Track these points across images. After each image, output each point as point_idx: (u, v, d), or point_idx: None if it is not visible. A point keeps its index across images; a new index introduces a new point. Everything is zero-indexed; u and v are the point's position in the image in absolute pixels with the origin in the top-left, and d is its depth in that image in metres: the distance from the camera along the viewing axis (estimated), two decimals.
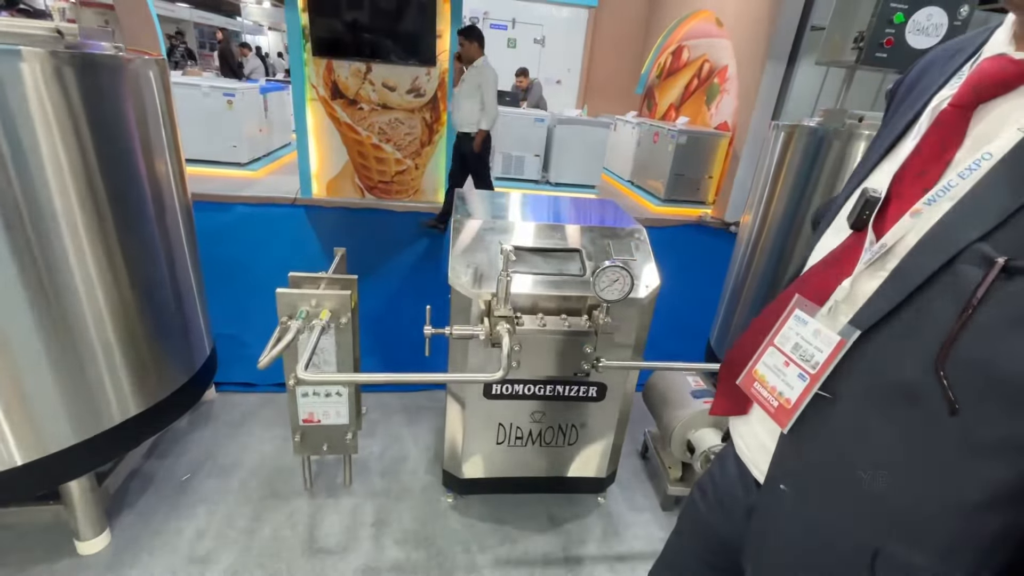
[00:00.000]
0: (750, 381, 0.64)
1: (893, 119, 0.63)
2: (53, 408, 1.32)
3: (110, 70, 1.32)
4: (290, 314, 1.48)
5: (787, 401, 0.57)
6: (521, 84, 6.79)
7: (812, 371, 0.55)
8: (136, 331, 1.48)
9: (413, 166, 5.36)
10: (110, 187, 1.35)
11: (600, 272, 1.28)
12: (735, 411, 0.71)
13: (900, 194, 0.53)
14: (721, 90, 6.15)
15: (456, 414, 1.59)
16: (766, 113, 5.32)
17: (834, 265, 0.59)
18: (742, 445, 0.70)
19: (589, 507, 1.81)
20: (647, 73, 8.14)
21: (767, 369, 0.62)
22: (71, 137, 1.25)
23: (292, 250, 4.13)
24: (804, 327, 0.58)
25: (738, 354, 0.69)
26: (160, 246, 1.54)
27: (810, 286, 0.61)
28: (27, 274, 1.22)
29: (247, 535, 1.58)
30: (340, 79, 4.85)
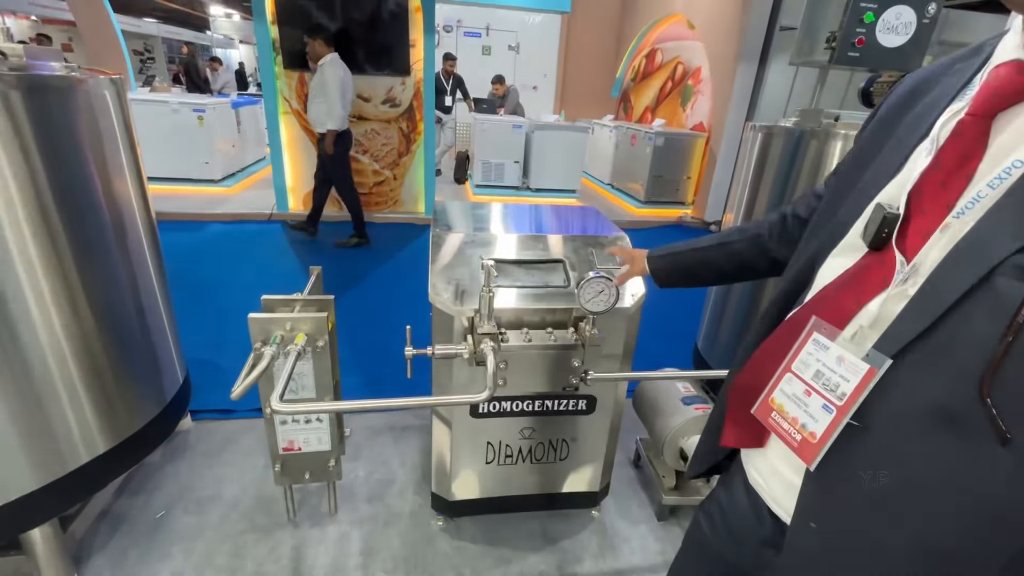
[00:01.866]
0: (767, 410, 0.59)
1: (894, 136, 0.59)
2: (10, 452, 1.23)
3: (59, 91, 1.25)
4: (264, 339, 1.41)
5: (812, 435, 0.53)
6: (497, 91, 6.78)
7: (839, 402, 0.51)
8: (100, 363, 1.40)
9: (392, 177, 5.30)
10: (64, 213, 1.27)
11: (585, 284, 1.24)
12: (750, 443, 0.67)
13: (921, 209, 0.50)
14: (695, 91, 6.22)
15: (443, 435, 1.53)
16: (740, 113, 5.39)
17: (851, 286, 0.55)
18: (757, 478, 0.66)
19: (584, 521, 1.76)
20: (622, 76, 8.21)
21: (785, 398, 0.57)
22: (19, 163, 1.17)
23: (269, 268, 4.03)
24: (825, 353, 0.54)
25: (748, 379, 0.64)
26: (122, 272, 1.46)
27: (826, 308, 0.57)
28: None
29: (228, 574, 1.50)
30: None
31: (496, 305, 1.29)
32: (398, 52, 4.67)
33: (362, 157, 5.01)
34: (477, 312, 1.30)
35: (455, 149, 7.21)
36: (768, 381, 0.60)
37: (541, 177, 6.21)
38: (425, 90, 4.84)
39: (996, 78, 0.48)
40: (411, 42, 4.67)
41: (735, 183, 2.13)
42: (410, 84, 4.82)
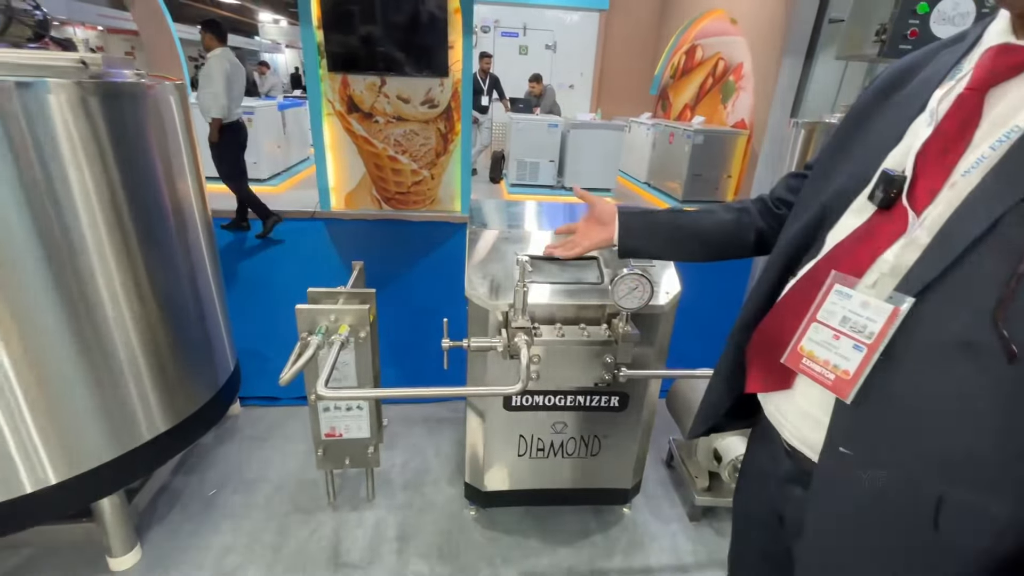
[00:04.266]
0: (797, 358, 0.65)
1: (887, 114, 0.68)
2: (86, 426, 1.35)
3: (132, 97, 1.36)
4: (309, 329, 1.49)
5: (845, 373, 0.60)
6: (534, 90, 6.80)
7: (868, 341, 0.58)
8: (162, 349, 1.50)
9: (429, 176, 5.40)
10: (134, 210, 1.38)
11: (618, 280, 1.25)
12: (776, 387, 0.72)
13: (926, 172, 0.58)
14: (737, 88, 6.06)
15: (477, 427, 1.57)
16: (785, 110, 5.22)
17: (865, 241, 0.62)
18: (780, 418, 0.72)
19: (614, 518, 1.77)
20: (660, 74, 8.08)
21: (815, 344, 0.63)
22: (97, 164, 1.28)
23: (313, 263, 4.19)
24: (849, 300, 0.61)
25: (767, 335, 0.72)
26: (183, 264, 1.57)
27: (842, 263, 0.63)
28: (62, 297, 1.26)
29: (273, 550, 1.59)
30: (355, 93, 4.92)
31: (530, 300, 1.32)
32: (437, 54, 4.76)
33: (401, 157, 5.13)
34: (511, 307, 1.33)
35: (490, 149, 7.28)
36: (790, 333, 0.67)
37: (576, 176, 6.20)
38: (463, 91, 4.92)
39: (989, 58, 0.56)
40: (450, 43, 4.75)
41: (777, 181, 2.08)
42: (448, 85, 4.91)
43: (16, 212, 1.17)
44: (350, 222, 5.15)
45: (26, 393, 1.26)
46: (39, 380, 1.27)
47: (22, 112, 1.15)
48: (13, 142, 1.13)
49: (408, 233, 4.92)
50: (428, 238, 4.83)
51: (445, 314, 1.38)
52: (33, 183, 1.18)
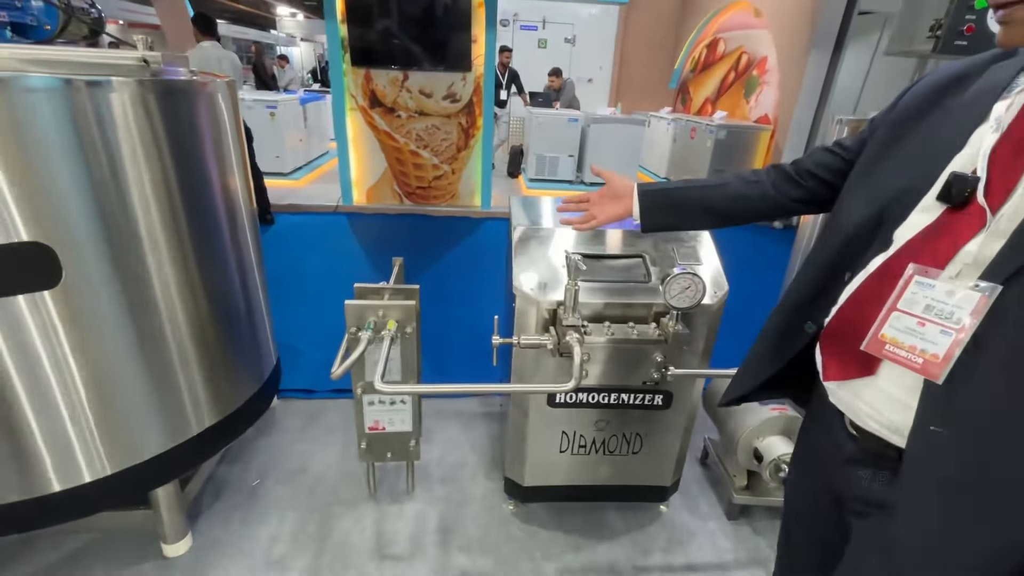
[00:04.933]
0: (879, 344, 0.69)
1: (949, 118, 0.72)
2: (146, 418, 1.39)
3: (187, 94, 1.38)
4: (358, 325, 1.51)
5: (934, 356, 0.64)
6: (553, 84, 6.75)
7: (956, 326, 0.62)
8: (211, 344, 1.53)
9: (450, 171, 5.39)
10: (188, 206, 1.40)
11: (671, 280, 1.25)
12: (857, 374, 0.75)
13: (998, 173, 0.63)
14: (761, 82, 5.97)
15: (520, 422, 1.59)
16: (811, 105, 5.13)
17: (942, 236, 0.67)
18: (856, 403, 0.75)
19: (652, 515, 1.78)
20: (680, 68, 7.98)
21: (897, 331, 0.67)
22: (155, 161, 1.30)
23: (337, 257, 4.21)
24: (932, 290, 0.65)
25: (841, 325, 0.76)
26: (232, 259, 1.59)
27: (919, 257, 0.68)
28: (124, 291, 1.29)
29: (318, 541, 1.62)
30: (378, 88, 4.92)
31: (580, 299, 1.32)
32: (460, 48, 4.74)
33: (423, 152, 5.14)
34: (561, 305, 1.34)
35: (508, 143, 7.25)
36: (866, 324, 0.71)
37: None
38: (485, 85, 4.91)
39: None
40: (473, 37, 4.74)
41: None
42: (470, 80, 4.89)
43: (83, 208, 1.19)
44: (372, 216, 5.18)
45: (87, 386, 1.29)
46: (99, 374, 1.30)
47: (91, 110, 1.18)
48: (82, 140, 1.16)
49: (429, 228, 4.93)
50: (448, 233, 4.83)
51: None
52: (100, 180, 1.21)
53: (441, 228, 5.00)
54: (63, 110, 1.13)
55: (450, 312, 2.71)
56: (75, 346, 1.26)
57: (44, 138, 1.10)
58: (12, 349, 1.18)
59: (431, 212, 5.83)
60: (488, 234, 5.11)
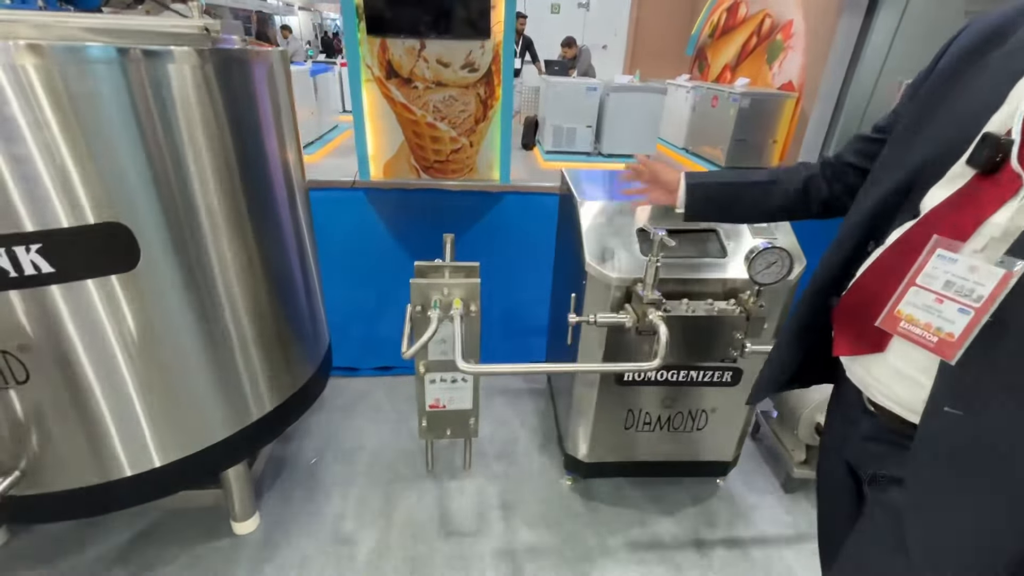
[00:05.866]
0: (894, 321, 0.66)
1: (984, 76, 0.66)
2: (214, 404, 1.38)
3: (246, 64, 1.32)
4: (422, 303, 1.48)
5: (949, 335, 0.60)
6: (567, 54, 6.55)
7: (976, 304, 0.58)
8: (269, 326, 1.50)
9: (468, 144, 5.28)
10: (246, 181, 1.36)
11: (757, 255, 1.22)
12: (867, 350, 0.73)
13: None
14: (785, 47, 5.77)
15: (585, 399, 1.57)
16: (840, 71, 4.97)
17: (967, 205, 0.62)
18: (868, 379, 0.74)
19: (709, 489, 1.79)
20: (698, 33, 7.73)
21: (914, 308, 0.64)
22: (215, 135, 1.25)
23: (360, 233, 4.17)
24: (953, 265, 0.61)
25: (857, 299, 0.73)
26: (290, 237, 1.56)
27: (941, 227, 0.63)
28: (189, 273, 1.26)
29: (384, 517, 1.63)
30: (394, 58, 4.77)
31: None
32: (479, 14, 4.58)
33: (440, 124, 5.02)
34: (640, 281, 1.31)
35: (522, 114, 7.09)
36: (883, 297, 0.67)
37: (614, 142, 6.02)
38: (504, 53, 4.75)
39: None
40: (492, 3, 4.56)
41: None
42: (489, 48, 4.74)
43: (151, 186, 1.15)
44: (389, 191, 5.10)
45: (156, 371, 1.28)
46: (168, 359, 1.28)
47: (155, 82, 1.12)
48: (148, 113, 1.11)
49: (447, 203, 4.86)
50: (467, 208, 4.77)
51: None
52: (164, 157, 1.16)
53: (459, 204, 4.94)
54: (129, 82, 1.07)
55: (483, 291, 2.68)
56: (145, 330, 1.23)
57: (110, 112, 1.05)
58: (83, 333, 1.15)
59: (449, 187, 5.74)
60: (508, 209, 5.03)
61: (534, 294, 2.74)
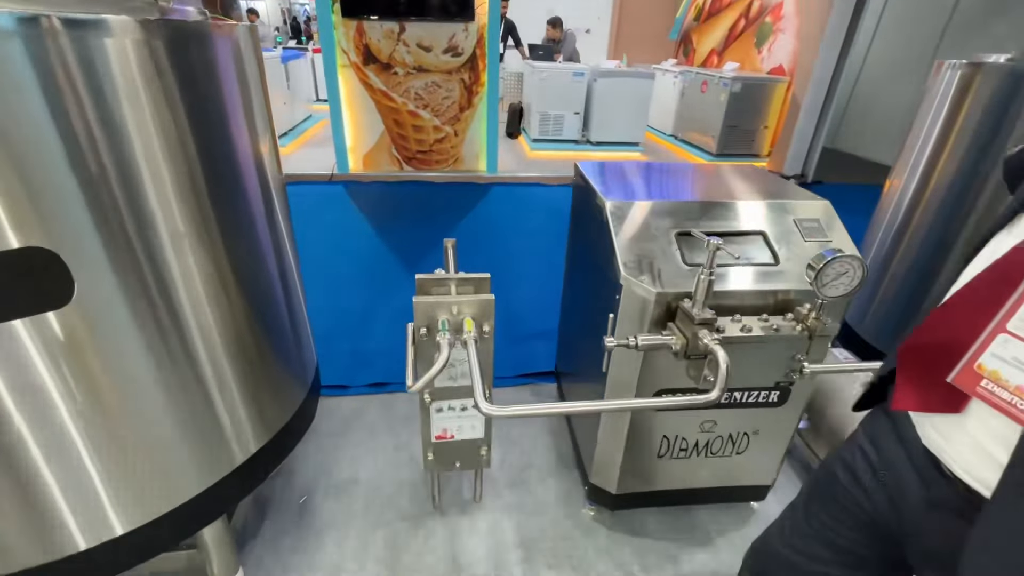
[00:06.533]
0: (974, 378, 0.52)
1: None
2: (182, 454, 1.15)
3: (202, 40, 1.07)
4: (427, 324, 1.27)
5: None
6: (553, 36, 6.30)
7: None
8: (250, 354, 1.27)
9: (452, 133, 5.02)
10: (212, 183, 1.12)
11: (827, 264, 1.04)
12: (940, 408, 0.59)
13: None
14: (775, 29, 5.63)
15: (616, 428, 1.39)
16: (832, 54, 4.86)
17: None
18: (940, 442, 0.60)
19: (744, 513, 1.64)
20: (682, 17, 7.55)
21: (1001, 363, 0.50)
22: (169, 126, 1.01)
23: (341, 232, 3.90)
24: None
25: (930, 337, 0.59)
26: (268, 243, 1.32)
27: None
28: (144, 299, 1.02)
29: (388, 568, 1.43)
30: (372, 42, 4.47)
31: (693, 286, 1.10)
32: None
33: (423, 112, 4.74)
34: (688, 297, 1.12)
35: (506, 100, 6.83)
36: (962, 340, 0.53)
37: (603, 129, 5.82)
38: (489, 37, 4.49)
39: None
40: None
41: (912, 134, 1.84)
42: (473, 30, 4.47)
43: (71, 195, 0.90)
44: (370, 185, 4.82)
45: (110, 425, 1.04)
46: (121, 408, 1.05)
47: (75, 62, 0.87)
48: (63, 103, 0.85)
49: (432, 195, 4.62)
50: (454, 201, 4.53)
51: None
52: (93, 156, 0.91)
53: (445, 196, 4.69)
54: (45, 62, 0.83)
55: None
56: (93, 377, 1.00)
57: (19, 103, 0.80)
58: (13, 386, 0.91)
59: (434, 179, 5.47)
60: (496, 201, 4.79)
61: (535, 294, 2.54)
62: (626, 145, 6.26)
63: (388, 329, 2.59)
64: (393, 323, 2.67)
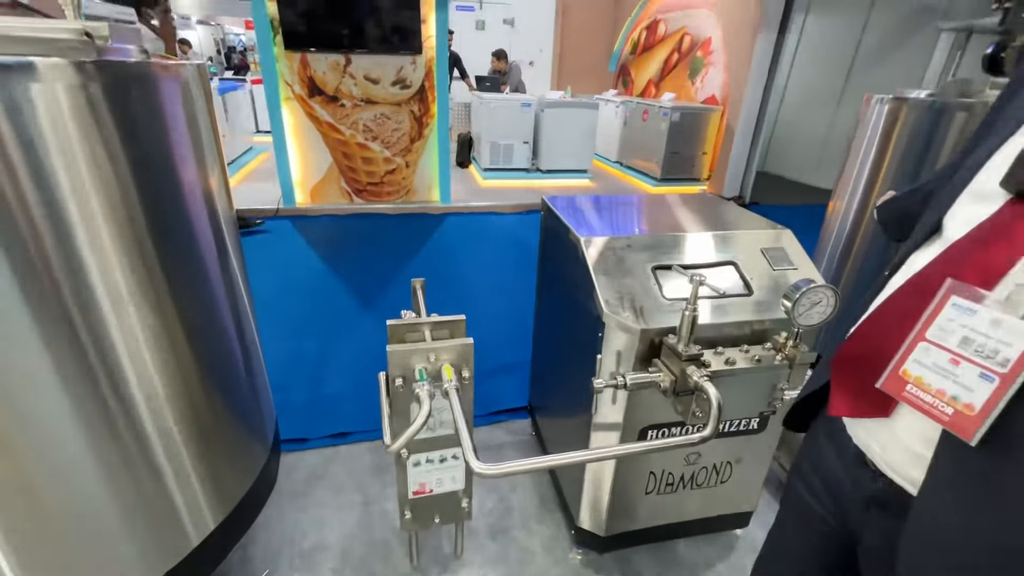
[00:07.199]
0: (899, 384, 0.55)
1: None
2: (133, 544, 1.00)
3: (145, 82, 0.98)
4: (403, 374, 1.20)
5: (968, 407, 0.49)
6: (499, 67, 6.44)
7: (1002, 369, 0.47)
8: (204, 420, 1.15)
9: (403, 164, 4.95)
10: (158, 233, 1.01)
11: (803, 294, 1.06)
12: (868, 413, 0.62)
13: None
14: (706, 63, 6.02)
15: (603, 469, 1.35)
16: (759, 85, 5.24)
17: (996, 240, 0.51)
18: (871, 444, 0.64)
19: (729, 541, 1.63)
20: (619, 50, 7.94)
21: (923, 369, 0.53)
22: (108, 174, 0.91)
23: (291, 269, 3.70)
24: (972, 317, 0.50)
25: (858, 348, 0.63)
26: (222, 291, 1.20)
27: (964, 268, 0.52)
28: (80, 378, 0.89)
29: None
30: (317, 74, 4.36)
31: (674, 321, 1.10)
32: (409, 28, 4.32)
33: (372, 144, 4.66)
34: (672, 332, 1.11)
35: (455, 131, 6.87)
36: (888, 349, 0.57)
37: (552, 158, 5.97)
38: (438, 69, 4.51)
39: None
40: (422, 17, 4.32)
41: (849, 162, 1.97)
42: (421, 63, 4.48)
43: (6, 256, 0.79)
44: (320, 218, 4.65)
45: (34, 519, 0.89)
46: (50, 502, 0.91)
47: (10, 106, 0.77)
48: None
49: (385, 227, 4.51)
50: (408, 233, 4.45)
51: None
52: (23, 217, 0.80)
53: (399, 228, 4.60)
54: None
55: None
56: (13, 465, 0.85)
57: None
58: None
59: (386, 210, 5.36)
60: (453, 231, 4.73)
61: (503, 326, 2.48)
62: (575, 172, 6.44)
63: (348, 373, 2.44)
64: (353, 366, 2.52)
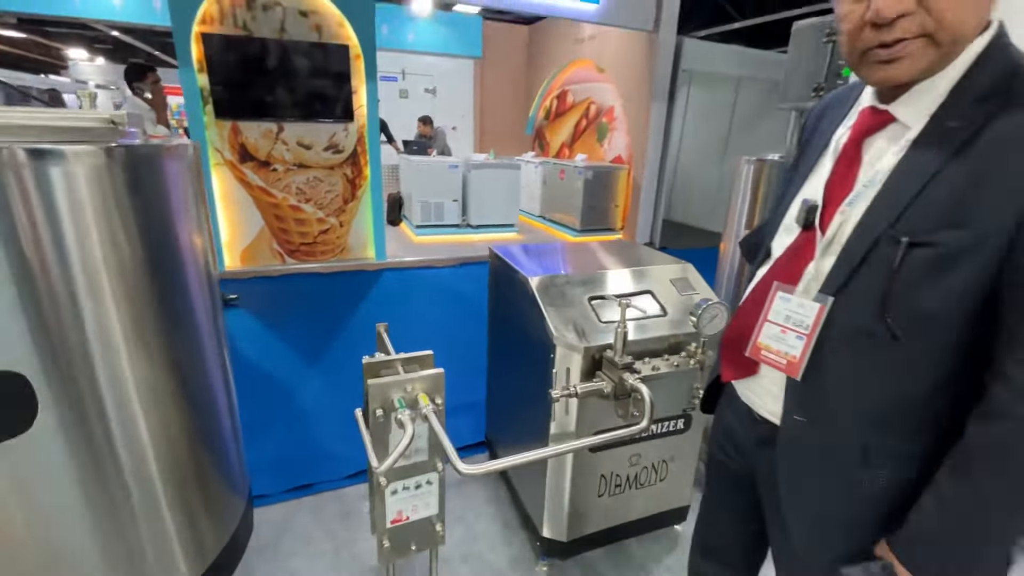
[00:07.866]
0: (757, 350, 0.84)
1: (807, 151, 0.89)
2: None
3: (154, 163, 1.12)
4: (382, 405, 1.34)
5: (793, 357, 0.78)
6: (425, 132, 6.84)
7: (806, 332, 0.76)
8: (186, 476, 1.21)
9: (337, 224, 5.06)
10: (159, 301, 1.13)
11: (703, 311, 1.37)
12: (745, 374, 0.91)
13: (831, 200, 0.77)
14: (611, 128, 6.82)
15: (560, 476, 1.54)
16: (657, 147, 6.03)
17: (795, 256, 0.81)
18: (752, 396, 0.91)
19: (672, 539, 1.85)
20: (534, 115, 8.73)
21: (768, 339, 0.82)
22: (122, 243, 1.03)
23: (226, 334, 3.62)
24: (788, 303, 0.79)
25: (735, 333, 0.90)
26: (209, 357, 1.30)
27: (782, 274, 0.82)
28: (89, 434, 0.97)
29: None
30: (248, 141, 4.45)
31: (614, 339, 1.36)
32: (340, 98, 4.57)
33: (305, 206, 4.74)
34: (610, 347, 1.37)
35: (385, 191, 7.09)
36: (748, 330, 0.85)
37: (480, 214, 6.34)
38: (370, 134, 4.77)
39: (861, 117, 0.77)
40: (353, 88, 4.61)
41: (731, 210, 2.43)
42: (353, 130, 4.72)
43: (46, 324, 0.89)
44: (251, 281, 4.58)
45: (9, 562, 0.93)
46: (38, 552, 0.95)
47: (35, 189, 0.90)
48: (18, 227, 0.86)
49: (321, 287, 4.54)
50: (344, 291, 4.50)
51: None
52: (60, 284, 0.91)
53: (335, 286, 4.63)
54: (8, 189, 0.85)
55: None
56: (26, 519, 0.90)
57: None
58: None
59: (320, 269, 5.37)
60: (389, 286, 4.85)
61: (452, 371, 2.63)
62: (503, 227, 6.84)
63: (300, 428, 2.46)
64: (305, 422, 2.54)
